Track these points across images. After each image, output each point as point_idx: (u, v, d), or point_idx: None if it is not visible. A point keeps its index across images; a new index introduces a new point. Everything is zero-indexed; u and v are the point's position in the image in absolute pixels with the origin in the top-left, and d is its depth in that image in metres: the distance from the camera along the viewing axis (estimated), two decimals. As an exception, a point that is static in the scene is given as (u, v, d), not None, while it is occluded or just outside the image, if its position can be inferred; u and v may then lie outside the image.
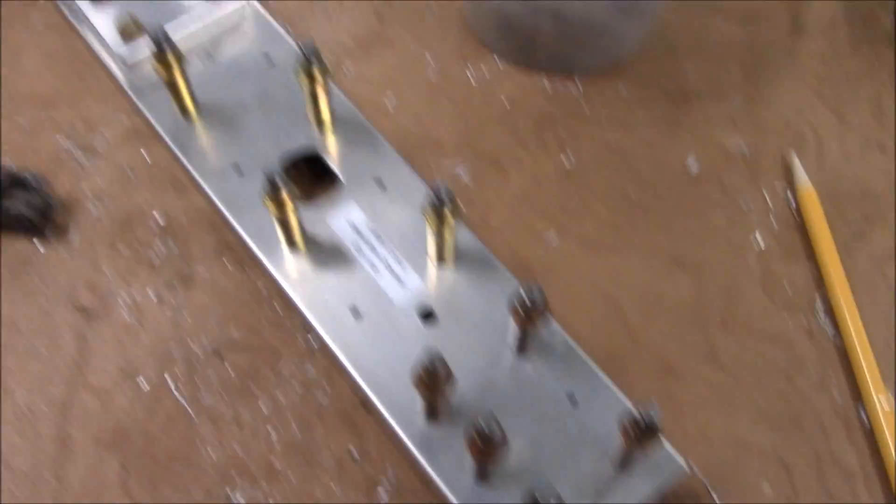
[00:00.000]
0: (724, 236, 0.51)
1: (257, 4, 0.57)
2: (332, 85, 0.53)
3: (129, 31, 0.53)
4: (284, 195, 0.44)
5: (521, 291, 0.41)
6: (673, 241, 0.51)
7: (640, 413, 0.38)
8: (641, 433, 0.38)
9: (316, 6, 0.60)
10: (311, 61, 0.47)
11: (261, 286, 0.50)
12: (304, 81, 0.48)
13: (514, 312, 0.42)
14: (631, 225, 0.52)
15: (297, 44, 0.47)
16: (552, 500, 0.35)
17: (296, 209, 0.45)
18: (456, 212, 0.44)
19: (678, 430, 0.45)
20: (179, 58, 0.49)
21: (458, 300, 0.46)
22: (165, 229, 0.51)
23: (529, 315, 0.41)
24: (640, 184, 0.53)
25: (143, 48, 0.53)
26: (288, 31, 0.57)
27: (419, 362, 0.39)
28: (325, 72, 0.48)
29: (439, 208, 0.43)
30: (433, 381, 0.39)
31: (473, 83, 0.57)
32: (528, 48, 0.55)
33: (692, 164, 0.54)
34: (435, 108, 0.56)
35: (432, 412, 0.42)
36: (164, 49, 0.48)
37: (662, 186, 0.53)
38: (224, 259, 0.51)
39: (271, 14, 0.58)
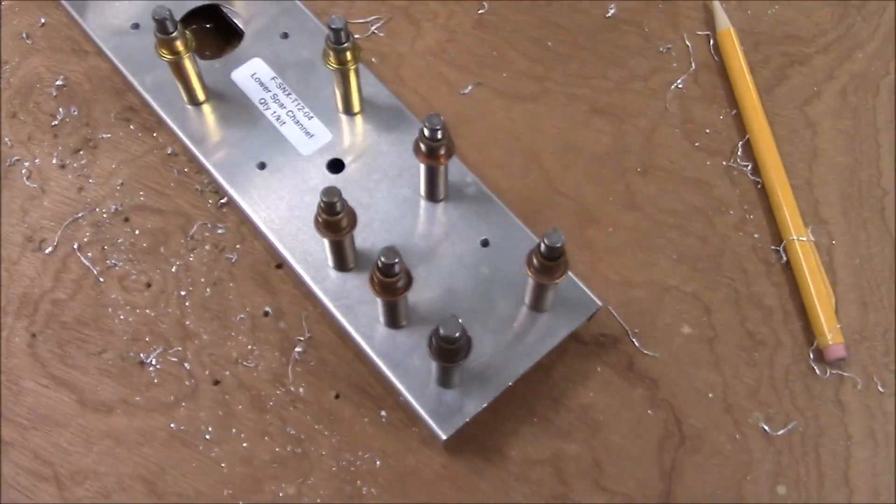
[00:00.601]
0: (644, 83, 0.50)
1: None
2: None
3: None
4: (176, 40, 0.42)
5: (423, 125, 0.39)
6: (591, 89, 0.50)
7: (542, 241, 0.37)
8: (545, 261, 0.37)
9: None
10: None
11: (168, 149, 0.48)
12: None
13: (417, 150, 0.41)
14: (548, 74, 0.50)
15: None
16: (449, 327, 0.35)
17: (192, 57, 0.43)
18: (355, 53, 0.42)
19: (597, 275, 0.45)
20: None
21: (369, 150, 0.45)
22: (66, 94, 0.49)
23: (431, 150, 0.40)
24: (558, 31, 0.52)
25: None
26: None
27: (319, 202, 0.37)
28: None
29: (339, 50, 0.42)
30: (333, 221, 0.38)
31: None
32: None
33: (611, 9, 0.52)
34: (345, -37, 0.53)
35: (340, 260, 0.42)
36: None
37: (580, 33, 0.52)
38: (130, 124, 0.49)
39: None
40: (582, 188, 0.47)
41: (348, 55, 0.42)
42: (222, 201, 0.46)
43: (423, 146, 0.40)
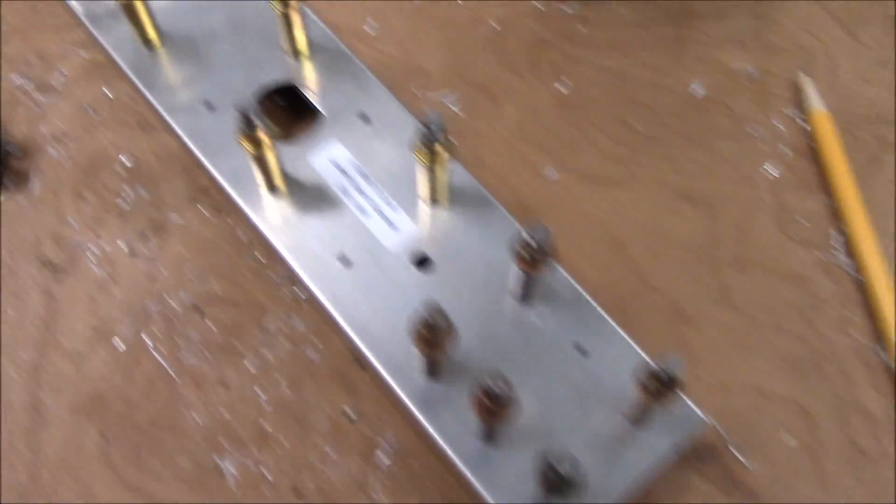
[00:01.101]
0: (733, 167, 0.48)
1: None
2: (305, 9, 0.48)
3: (81, -44, 0.47)
4: (260, 133, 0.40)
5: (525, 234, 0.37)
6: (679, 174, 0.48)
7: (660, 367, 0.35)
8: (661, 388, 0.35)
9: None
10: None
11: (240, 234, 0.46)
12: (276, 5, 0.44)
13: (518, 257, 0.39)
14: (634, 157, 0.48)
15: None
16: (567, 467, 0.33)
17: (274, 148, 0.41)
18: (449, 147, 0.40)
19: (693, 378, 0.43)
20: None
21: (455, 244, 0.43)
22: (134, 173, 0.47)
23: (534, 259, 0.38)
24: (643, 111, 0.50)
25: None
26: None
27: (418, 317, 0.35)
28: (299, -5, 0.44)
29: (431, 144, 0.40)
30: (434, 336, 0.36)
31: (459, 3, 0.52)
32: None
33: (697, 89, 0.50)
34: (419, 33, 0.51)
35: (432, 369, 0.40)
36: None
37: (666, 114, 0.50)
38: (199, 205, 0.47)
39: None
40: (673, 283, 0.45)
41: (439, 148, 0.40)
42: (299, 293, 0.44)
43: (523, 253, 0.38)
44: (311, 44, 0.47)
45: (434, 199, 0.44)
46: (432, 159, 0.40)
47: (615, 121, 0.49)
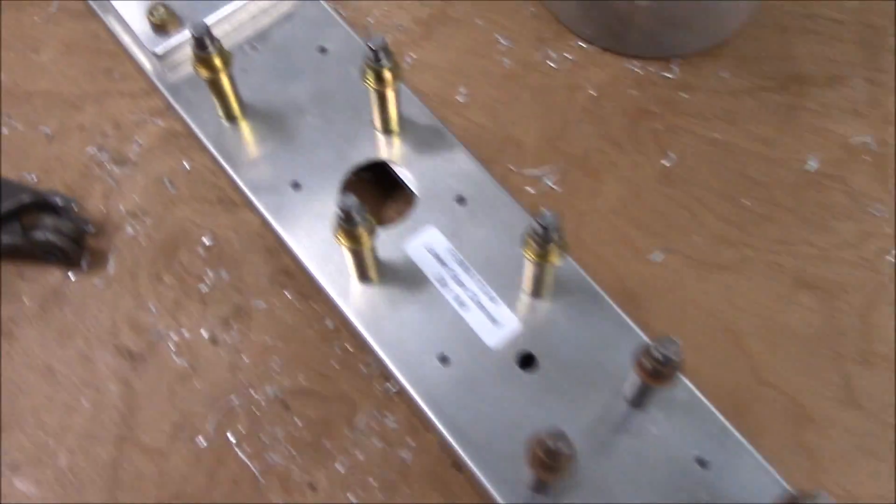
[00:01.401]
0: (854, 250, 0.45)
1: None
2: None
3: (162, 23, 0.45)
4: (361, 230, 0.37)
5: (654, 348, 0.34)
6: (795, 257, 0.45)
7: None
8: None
9: (369, -19, 0.52)
10: (381, 61, 0.40)
11: (329, 322, 0.43)
12: (372, 83, 0.41)
13: (642, 369, 0.35)
14: (745, 237, 0.45)
15: (366, 42, 0.40)
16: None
17: (373, 243, 0.38)
18: (564, 246, 0.37)
19: (818, 487, 0.39)
20: (225, 58, 0.41)
21: (559, 339, 0.40)
22: (214, 253, 0.45)
23: (660, 374, 0.35)
24: (753, 187, 0.46)
25: (179, 41, 0.46)
26: (340, 15, 0.49)
27: (539, 442, 0.32)
28: (396, 72, 0.41)
29: (545, 243, 0.37)
30: (555, 462, 0.33)
31: (554, 70, 0.49)
32: (618, 29, 0.48)
33: (811, 162, 0.47)
34: (512, 101, 0.48)
35: (543, 487, 0.37)
36: (207, 49, 0.41)
37: (778, 190, 0.46)
38: (284, 289, 0.44)
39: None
40: (793, 379, 0.42)
41: (553, 248, 0.37)
42: (392, 389, 0.42)
43: (649, 366, 0.35)
44: (403, 117, 0.45)
45: (537, 293, 0.41)
46: (544, 258, 0.37)
47: (723, 197, 0.46)
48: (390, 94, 0.42)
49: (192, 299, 0.44)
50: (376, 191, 0.46)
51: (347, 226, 0.37)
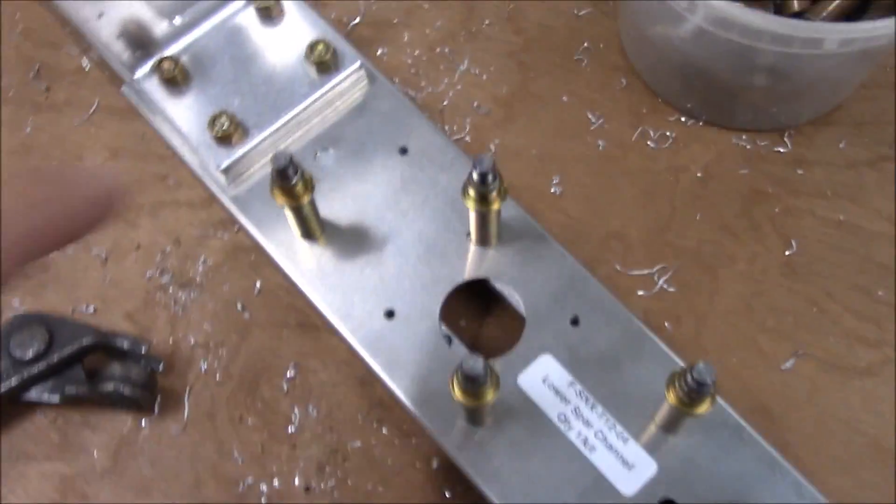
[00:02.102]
0: None
1: (375, 71, 0.44)
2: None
3: (226, 136, 0.40)
4: (487, 391, 0.33)
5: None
6: (943, 355, 0.40)
7: None
8: None
9: (438, 60, 0.47)
10: (488, 184, 0.35)
11: (435, 463, 0.39)
12: (475, 205, 0.36)
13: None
14: (884, 335, 0.41)
15: (473, 165, 0.35)
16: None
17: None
18: (714, 396, 0.33)
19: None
20: (308, 184, 0.37)
21: (701, 482, 0.36)
22: (300, 386, 0.41)
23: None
24: (886, 275, 0.42)
25: (244, 152, 0.41)
26: (412, 99, 0.44)
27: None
28: (503, 193, 0.36)
29: (700, 398, 0.32)
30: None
31: (654, 150, 0.45)
32: (725, 103, 0.43)
33: (948, 242, 0.42)
34: (611, 189, 0.44)
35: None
36: (291, 180, 0.36)
37: (916, 277, 0.42)
38: (382, 426, 0.40)
39: (387, 77, 0.45)
40: (955, 500, 0.38)
41: (706, 400, 0.32)
42: (513, 538, 0.37)
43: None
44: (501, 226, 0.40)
45: (671, 428, 0.36)
46: (693, 407, 0.33)
47: (855, 289, 0.42)
48: (493, 215, 0.37)
49: (280, 442, 0.40)
50: (474, 306, 0.41)
51: (472, 389, 0.33)
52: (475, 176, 0.35)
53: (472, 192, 0.36)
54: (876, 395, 0.40)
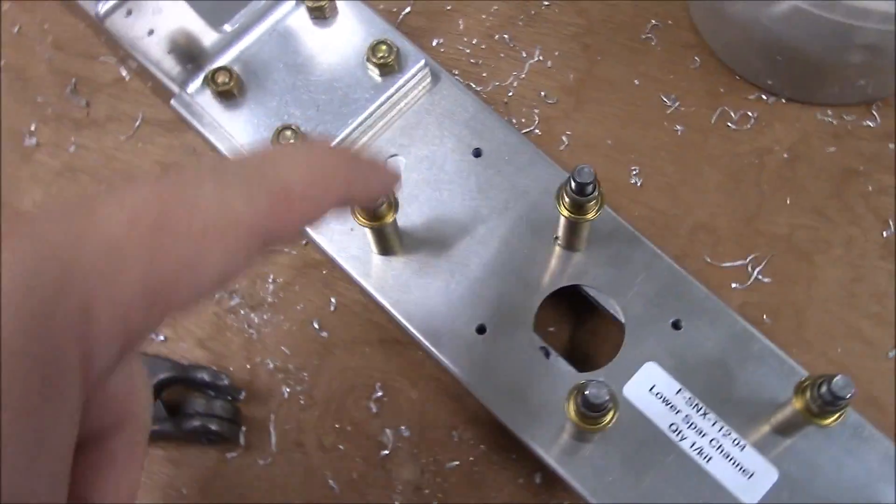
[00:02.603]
0: None
1: (438, 66, 0.42)
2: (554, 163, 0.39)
3: (292, 152, 0.38)
4: (609, 413, 0.31)
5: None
6: None
7: None
8: None
9: (498, 48, 0.45)
10: (587, 194, 0.33)
11: (538, 479, 0.38)
12: (568, 214, 0.34)
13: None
14: None
15: (571, 177, 0.33)
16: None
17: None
18: (844, 411, 0.31)
19: None
20: (393, 205, 0.35)
21: (823, 484, 0.35)
22: (389, 407, 0.39)
23: None
24: None
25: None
26: (477, 93, 0.42)
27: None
28: (602, 202, 0.34)
29: (830, 409, 0.31)
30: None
31: (736, 132, 0.43)
32: (811, 79, 0.41)
33: None
34: (693, 177, 0.42)
35: None
36: (377, 200, 0.34)
37: None
38: (479, 444, 0.38)
39: (450, 71, 0.42)
40: None
41: (833, 413, 0.31)
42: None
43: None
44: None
45: (787, 431, 0.35)
46: (822, 418, 0.31)
47: (960, 268, 0.40)
48: (587, 223, 0.35)
49: (375, 466, 0.38)
50: (564, 314, 0.39)
51: (590, 414, 0.31)
52: (573, 185, 0.33)
53: (567, 201, 0.34)
54: None
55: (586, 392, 0.30)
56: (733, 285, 0.40)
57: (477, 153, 0.40)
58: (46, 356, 0.18)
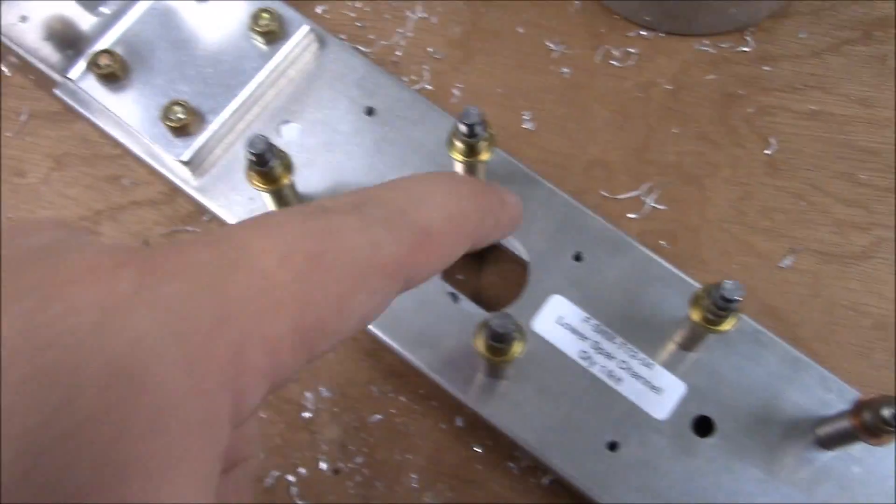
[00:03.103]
0: None
1: (323, 31, 0.42)
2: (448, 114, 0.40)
3: (183, 125, 0.38)
4: (517, 343, 0.32)
5: (878, 409, 0.30)
6: (934, 225, 0.41)
7: None
8: None
9: (383, 9, 0.45)
10: (476, 135, 0.34)
11: (460, 422, 0.38)
12: (462, 157, 0.35)
13: (861, 428, 0.32)
14: (873, 217, 0.41)
15: (459, 120, 0.34)
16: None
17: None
18: (737, 315, 0.33)
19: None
20: (287, 164, 0.35)
21: (730, 393, 0.36)
22: (307, 371, 0.40)
23: (880, 433, 0.31)
24: (867, 158, 0.42)
25: (205, 140, 0.39)
26: (364, 54, 0.42)
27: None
28: (493, 141, 0.35)
29: (724, 314, 0.32)
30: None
31: (620, 69, 0.44)
32: (684, 10, 0.42)
33: (919, 114, 0.43)
34: (584, 116, 0.43)
35: None
36: (269, 163, 0.34)
37: (893, 154, 0.42)
38: (399, 396, 0.39)
39: (336, 35, 0.43)
40: (971, 368, 0.39)
41: (728, 317, 0.32)
42: (547, 481, 0.37)
43: (869, 425, 0.31)
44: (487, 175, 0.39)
45: (688, 345, 0.36)
46: (718, 325, 0.33)
47: (838, 177, 0.42)
48: (481, 165, 0.36)
49: (298, 430, 0.39)
50: (470, 260, 0.40)
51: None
52: (462, 128, 0.34)
53: (459, 144, 0.35)
54: (875, 276, 0.40)
55: (491, 324, 0.31)
56: (630, 215, 0.41)
57: (370, 112, 0.41)
58: (202, 400, 0.17)
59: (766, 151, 0.42)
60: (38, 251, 0.17)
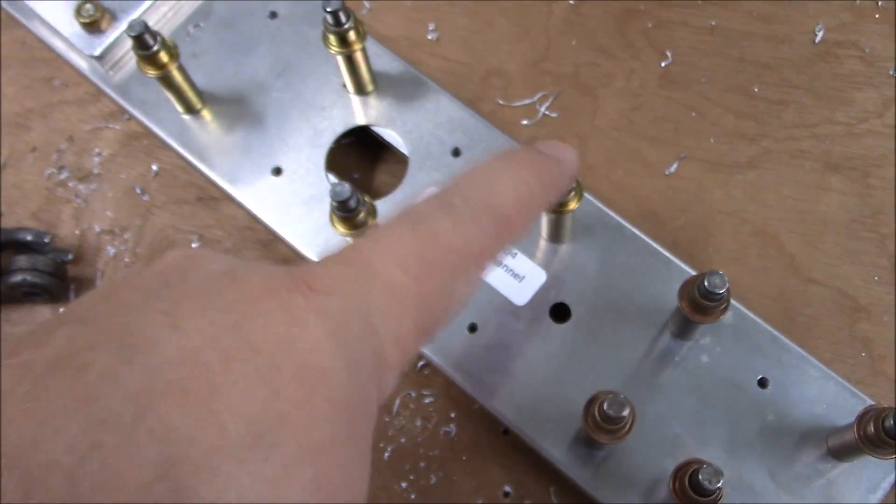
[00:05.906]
0: (879, 119, 0.42)
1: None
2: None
3: (94, 22, 0.41)
4: (363, 214, 0.34)
5: (703, 285, 0.32)
6: (818, 139, 0.42)
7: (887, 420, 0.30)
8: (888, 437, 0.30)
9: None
10: (342, 24, 0.36)
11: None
12: (336, 47, 0.37)
13: (691, 309, 0.33)
14: (762, 129, 0.42)
15: (323, 7, 0.36)
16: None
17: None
18: (580, 192, 0.34)
19: (882, 379, 0.37)
20: (171, 51, 0.37)
21: (590, 283, 0.38)
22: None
23: (709, 309, 0.33)
24: (761, 72, 0.43)
25: (116, 37, 0.42)
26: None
27: (598, 409, 0.30)
28: (361, 30, 0.37)
29: (566, 199, 0.34)
30: (615, 427, 0.31)
31: (525, -16, 0.45)
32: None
33: (818, 32, 0.43)
34: (486, 28, 0.44)
35: (593, 445, 0.35)
36: (151, 47, 0.36)
37: (789, 70, 0.43)
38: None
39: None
40: (837, 270, 0.39)
41: (571, 194, 0.34)
42: (422, 363, 0.39)
43: (697, 305, 0.32)
44: (375, 73, 0.41)
45: (556, 237, 0.38)
46: (564, 206, 0.34)
47: (731, 89, 0.43)
48: (358, 55, 0.38)
49: (194, 311, 0.41)
50: (363, 157, 0.42)
51: (345, 214, 0.34)
52: (328, 18, 0.36)
53: (330, 37, 0.37)
54: (759, 185, 0.41)
55: (331, 192, 0.33)
56: (523, 122, 0.43)
57: (273, 15, 0.43)
58: (360, 392, 0.21)
59: (662, 64, 0.43)
60: (223, 275, 0.21)
